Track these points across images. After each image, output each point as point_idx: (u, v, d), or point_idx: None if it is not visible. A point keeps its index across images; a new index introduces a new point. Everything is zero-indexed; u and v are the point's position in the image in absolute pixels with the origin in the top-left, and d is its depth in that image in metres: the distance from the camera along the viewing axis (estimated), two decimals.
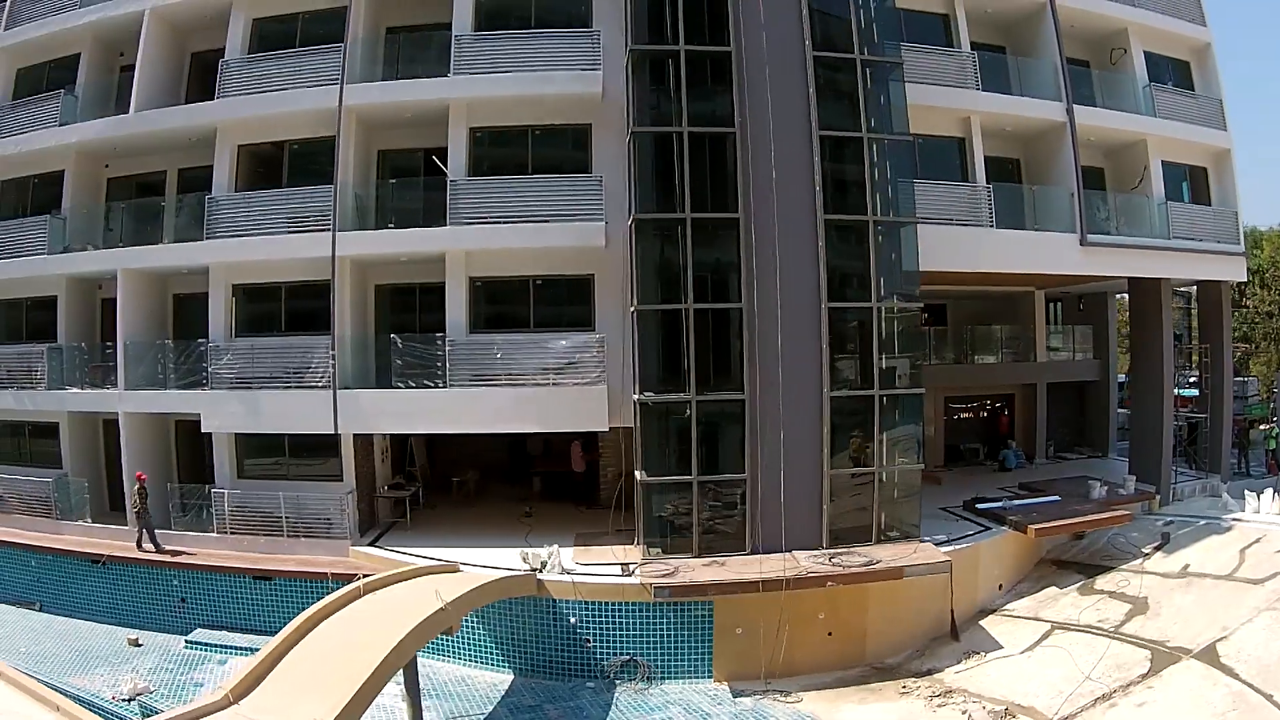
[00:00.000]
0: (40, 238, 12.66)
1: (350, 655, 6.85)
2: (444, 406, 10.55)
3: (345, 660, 6.78)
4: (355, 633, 7.42)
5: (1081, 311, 17.11)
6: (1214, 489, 12.74)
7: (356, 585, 8.18)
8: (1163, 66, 13.15)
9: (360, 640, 7.14)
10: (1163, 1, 12.94)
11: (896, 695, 8.93)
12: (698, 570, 9.06)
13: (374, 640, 6.98)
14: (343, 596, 8.00)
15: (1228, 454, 13.35)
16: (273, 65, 11.61)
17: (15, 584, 12.20)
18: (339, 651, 7.06)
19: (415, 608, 7.59)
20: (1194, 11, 13.12)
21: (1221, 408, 13.13)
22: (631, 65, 9.88)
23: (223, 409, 11.22)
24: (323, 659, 7.02)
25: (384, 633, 7.07)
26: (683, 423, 9.50)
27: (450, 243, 10.74)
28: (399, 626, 7.12)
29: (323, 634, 7.46)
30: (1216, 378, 13.24)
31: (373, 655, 6.68)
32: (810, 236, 9.68)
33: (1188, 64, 13.31)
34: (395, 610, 7.70)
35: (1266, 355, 20.22)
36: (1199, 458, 13.57)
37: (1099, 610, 9.93)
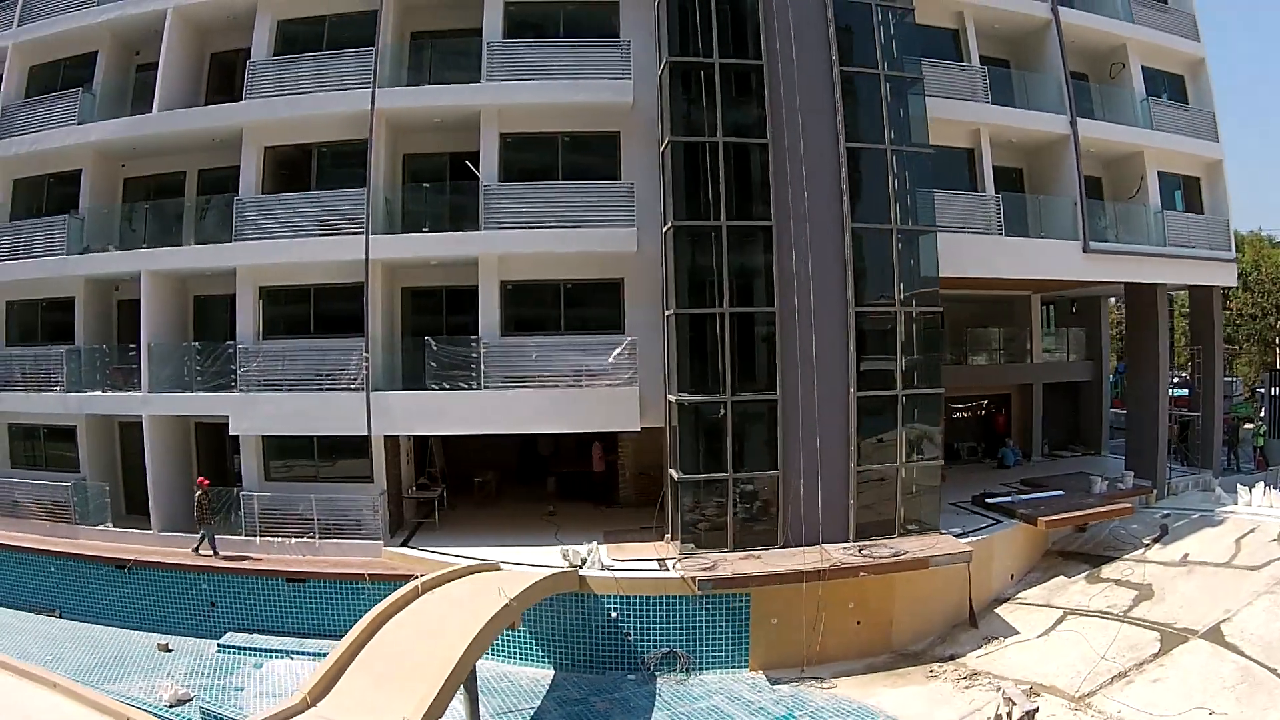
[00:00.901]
0: (57, 238, 12.61)
1: (425, 652, 7.08)
2: (479, 408, 10.83)
3: (422, 657, 7.00)
4: (423, 630, 7.65)
5: (1074, 314, 17.97)
6: (1206, 484, 13.59)
7: (414, 585, 8.43)
8: (1159, 80, 13.97)
9: (431, 637, 7.38)
10: (1160, 18, 13.76)
11: (925, 679, 9.48)
12: (736, 563, 9.51)
13: (446, 637, 7.23)
14: (403, 597, 8.23)
15: (1219, 451, 14.22)
16: (301, 67, 11.77)
17: (34, 590, 12.12)
18: (412, 649, 7.29)
19: (478, 605, 7.87)
20: (1189, 28, 13.97)
21: (1213, 407, 14.01)
22: (668, 76, 10.27)
23: (253, 411, 11.35)
24: (396, 657, 7.24)
25: (455, 629, 7.33)
26: (718, 422, 9.94)
27: (484, 247, 11.03)
28: (470, 623, 7.39)
29: (389, 633, 7.68)
30: (1208, 378, 14.12)
31: (450, 651, 6.91)
32: (838, 243, 10.19)
33: (1182, 78, 14.16)
34: (457, 608, 7.98)
35: (1248, 355, 21.41)
36: (1191, 454, 14.42)
37: (1107, 597, 10.62)
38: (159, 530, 11.93)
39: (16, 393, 12.73)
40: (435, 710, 6.42)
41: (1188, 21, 14.03)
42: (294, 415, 11.18)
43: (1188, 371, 14.82)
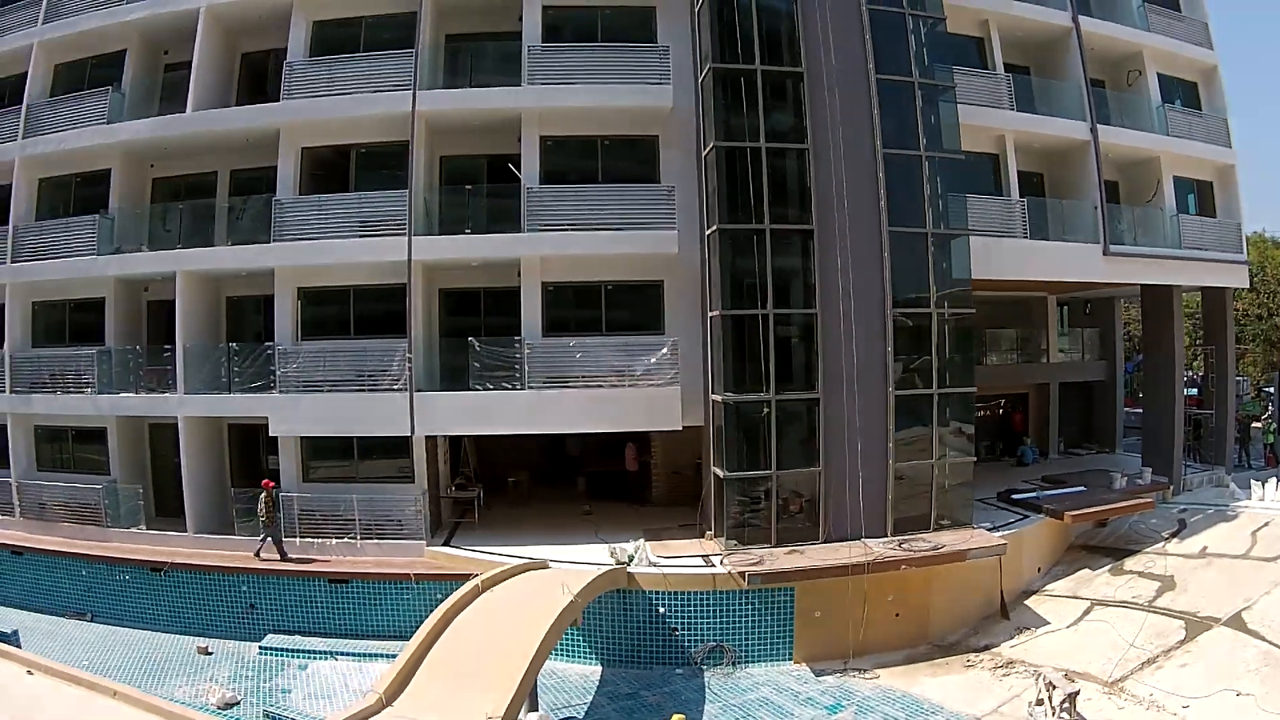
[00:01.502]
0: (85, 239, 12.84)
1: (498, 649, 7.42)
2: (523, 407, 11.26)
3: (495, 655, 7.33)
4: (491, 628, 8.01)
5: (1088, 315, 18.77)
6: (1219, 480, 14.38)
7: (475, 583, 8.83)
8: (1173, 86, 14.74)
9: (501, 635, 7.73)
10: (1175, 27, 14.53)
11: (963, 668, 10.08)
12: (781, 558, 10.04)
13: (517, 634, 7.57)
14: (465, 595, 8.60)
15: (1232, 448, 15.04)
16: (338, 68, 12.10)
17: (66, 595, 12.31)
18: (482, 647, 7.61)
19: (541, 601, 8.27)
20: (1202, 36, 14.76)
21: (1226, 405, 14.82)
22: (711, 82, 10.78)
23: (293, 412, 11.67)
24: (467, 655, 7.55)
25: (525, 626, 7.69)
26: (761, 421, 10.47)
27: (528, 248, 11.46)
28: (540, 619, 7.77)
29: (456, 632, 8.01)
30: (1221, 377, 14.93)
31: (525, 648, 7.26)
32: (875, 247, 10.77)
33: (1195, 84, 14.95)
34: (520, 605, 8.37)
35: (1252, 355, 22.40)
36: (1204, 451, 15.23)
37: (1132, 588, 11.30)
38: (194, 532, 12.20)
39: (45, 394, 12.91)
40: (514, 706, 6.74)
41: (1200, 29, 14.82)
42: (335, 416, 11.52)
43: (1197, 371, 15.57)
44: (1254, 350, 23.01)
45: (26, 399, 13.02)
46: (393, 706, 6.91)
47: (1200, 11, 14.97)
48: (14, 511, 13.27)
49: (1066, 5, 13.58)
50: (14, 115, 13.65)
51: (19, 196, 13.33)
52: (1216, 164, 14.61)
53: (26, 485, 13.19)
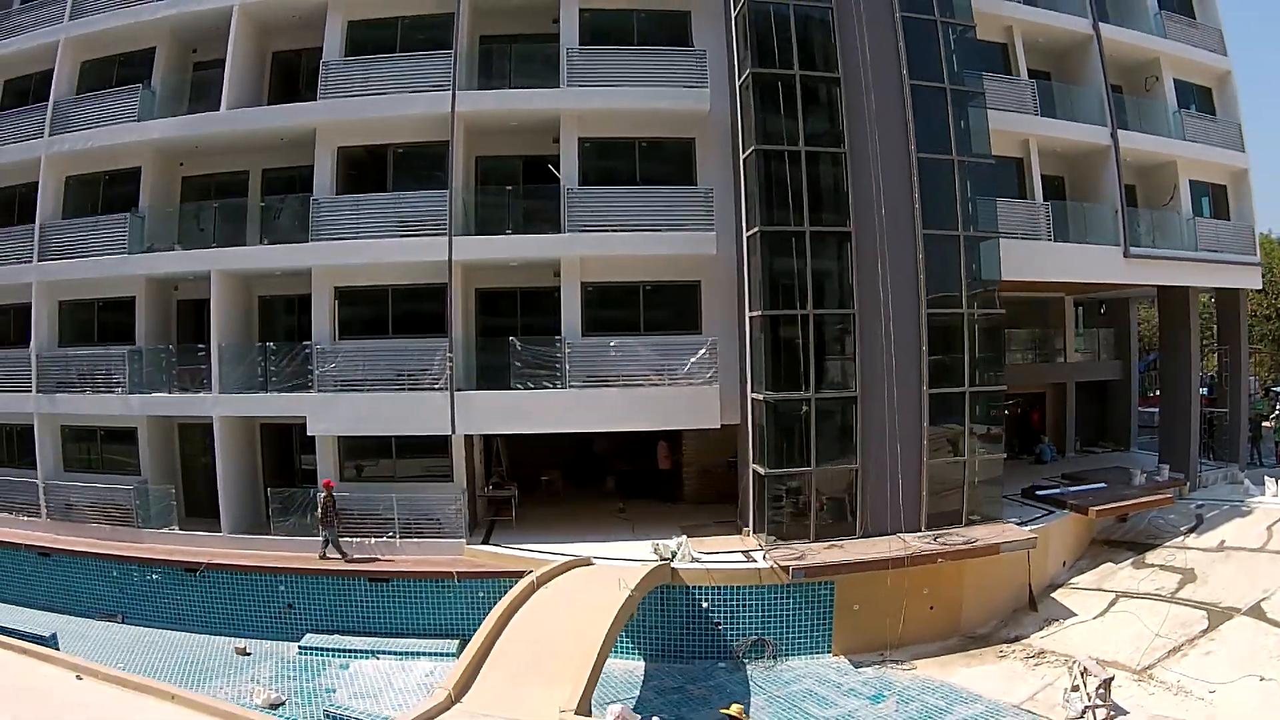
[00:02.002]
0: (115, 237, 13.10)
1: (562, 644, 7.80)
2: (563, 406, 11.71)
3: (560, 649, 7.72)
4: (551, 624, 8.39)
5: (1102, 315, 19.53)
6: (1233, 476, 15.14)
7: (530, 580, 9.26)
8: (1188, 92, 15.47)
9: (563, 629, 8.12)
10: (1190, 33, 15.27)
11: (996, 659, 10.67)
12: (822, 553, 10.58)
13: (580, 628, 7.98)
14: (522, 592, 9.00)
15: (1245, 445, 15.83)
16: (374, 68, 12.47)
17: (95, 596, 12.51)
18: (546, 642, 7.98)
19: (597, 597, 8.70)
20: (1216, 42, 15.52)
21: (1239, 403, 15.60)
22: (751, 87, 11.29)
23: (332, 412, 12.03)
24: (531, 651, 7.89)
25: (588, 621, 8.10)
26: (801, 419, 11.01)
27: (568, 249, 11.91)
28: (602, 613, 8.19)
29: (517, 627, 8.38)
30: (1234, 376, 15.71)
31: (591, 642, 7.66)
32: (910, 249, 11.34)
33: (1209, 90, 15.70)
34: (577, 600, 8.78)
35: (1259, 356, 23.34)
36: (1217, 449, 16.01)
37: (1154, 580, 11.97)
38: (229, 532, 12.52)
39: (74, 394, 13.15)
40: (585, 700, 7.07)
41: (1215, 36, 15.58)
42: (375, 415, 11.90)
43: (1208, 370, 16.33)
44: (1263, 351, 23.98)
45: (55, 399, 13.25)
46: (461, 703, 7.18)
47: (1214, 18, 15.73)
48: (40, 512, 13.49)
49: (1087, 12, 14.25)
50: (39, 112, 13.86)
51: (45, 194, 13.56)
52: (1230, 168, 15.37)
53: (54, 486, 13.41)
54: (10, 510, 13.76)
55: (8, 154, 13.91)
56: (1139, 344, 20.35)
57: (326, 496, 11.54)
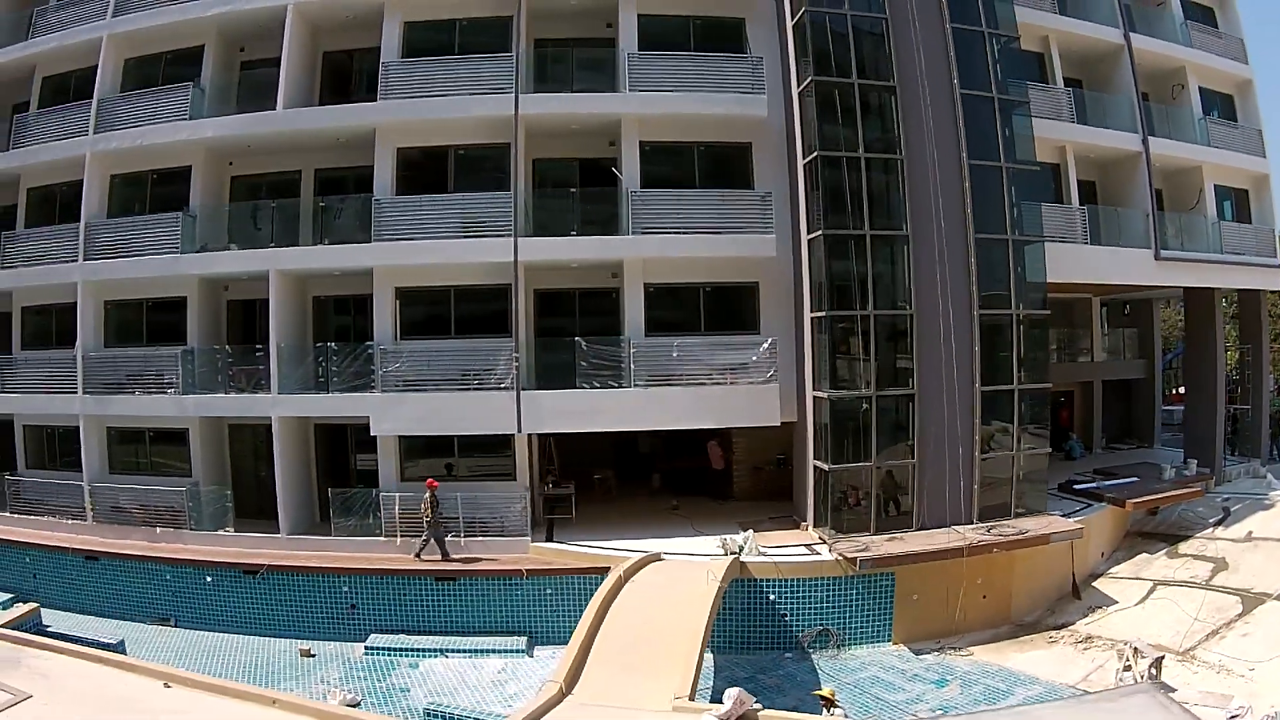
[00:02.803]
0: (165, 236, 13.61)
1: (662, 635, 8.52)
2: (629, 405, 12.52)
3: (662, 640, 8.43)
4: (647, 615, 9.13)
5: (1126, 315, 20.85)
6: (1255, 471, 16.48)
7: (618, 575, 10.06)
8: (1211, 99, 16.76)
9: (660, 622, 8.87)
10: (1214, 42, 16.56)
11: (1047, 644, 11.74)
12: (884, 545, 11.54)
13: (677, 620, 8.73)
14: (613, 587, 9.76)
15: (1267, 441, 17.19)
16: (434, 70, 13.16)
17: (146, 600, 12.90)
18: (645, 634, 8.68)
19: (685, 589, 9.49)
20: (1238, 51, 16.84)
21: (1262, 401, 16.94)
22: (814, 94, 12.22)
23: (396, 412, 12.70)
24: (632, 642, 8.56)
25: (684, 612, 8.87)
26: (862, 416, 11.97)
27: (631, 251, 12.73)
28: (698, 605, 8.99)
29: (615, 620, 9.09)
30: (1256, 374, 17.06)
31: (691, 633, 8.41)
32: (963, 252, 12.35)
33: (1231, 97, 17.02)
34: (665, 594, 9.53)
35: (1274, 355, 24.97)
36: (1240, 444, 17.35)
37: (1188, 569, 13.15)
38: (287, 534, 13.12)
39: (124, 395, 13.62)
40: (694, 687, 7.73)
41: (1237, 44, 16.90)
42: (439, 415, 12.58)
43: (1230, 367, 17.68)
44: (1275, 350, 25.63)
45: (104, 400, 13.70)
46: (572, 694, 7.67)
47: (1236, 27, 17.06)
48: (85, 515, 13.94)
49: (1118, 23, 15.44)
50: (79, 110, 14.30)
51: (90, 193, 14.00)
52: (1252, 173, 16.70)
53: (101, 489, 13.87)
54: (53, 513, 14.15)
55: (50, 152, 14.31)
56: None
57: (430, 496, 12.03)
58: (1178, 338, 26.54)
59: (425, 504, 12.04)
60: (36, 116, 14.79)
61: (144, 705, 7.10)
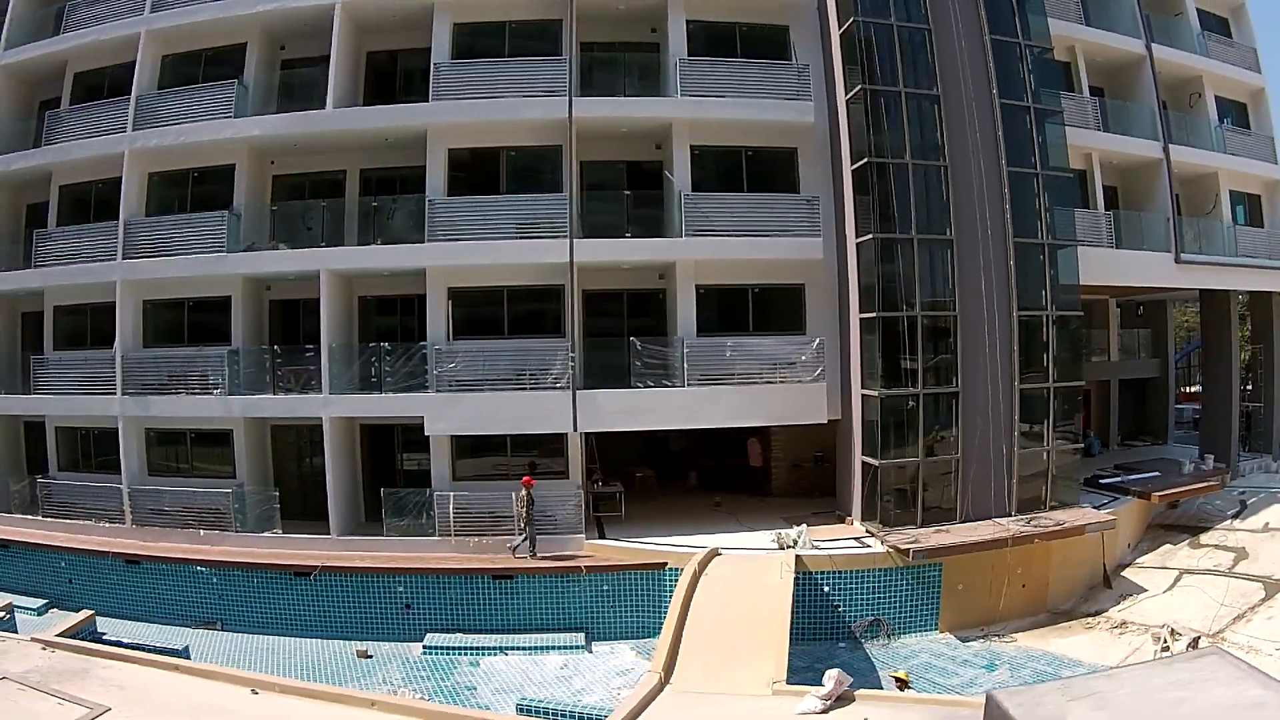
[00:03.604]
0: (208, 235, 14.09)
1: (747, 625, 9.38)
2: (681, 404, 13.35)
3: (748, 629, 9.30)
4: (729, 607, 9.97)
5: (1140, 316, 22.25)
6: (1267, 466, 17.88)
7: (694, 569, 10.89)
8: (1224, 107, 18.12)
9: (742, 612, 9.74)
10: (1228, 52, 17.91)
11: (1084, 630, 12.84)
12: (932, 537, 12.54)
13: (758, 610, 9.63)
14: (692, 581, 10.59)
15: (1279, 437, 18.65)
16: (486, 71, 13.85)
17: (190, 604, 13.29)
18: (729, 623, 9.53)
19: (758, 581, 10.37)
20: (1252, 60, 18.24)
21: (1274, 398, 18.37)
22: (864, 101, 13.16)
23: (451, 411, 13.35)
24: (719, 632, 9.39)
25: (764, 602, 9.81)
26: (909, 413, 12.95)
27: (684, 252, 13.56)
28: (776, 596, 9.95)
29: (699, 613, 9.92)
30: (1268, 373, 18.48)
31: (777, 622, 9.32)
32: (1002, 255, 13.41)
33: (1245, 105, 18.41)
34: (742, 585, 10.39)
35: None
36: (1252, 441, 18.77)
37: (1211, 559, 14.39)
38: (338, 534, 13.70)
39: (168, 397, 14.07)
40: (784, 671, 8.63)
41: (1250, 54, 18.30)
42: (495, 415, 13.28)
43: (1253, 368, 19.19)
44: None
45: (145, 401, 14.13)
46: (671, 684, 8.50)
47: (1249, 37, 18.46)
48: (124, 519, 14.36)
49: (1140, 34, 16.68)
50: (116, 107, 14.70)
51: (129, 191, 14.41)
52: (1265, 179, 18.10)
53: (142, 491, 14.30)
54: (88, 516, 14.53)
55: (86, 148, 14.68)
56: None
57: (527, 494, 12.60)
58: (1185, 338, 28.22)
59: (522, 502, 12.64)
60: (69, 113, 15.13)
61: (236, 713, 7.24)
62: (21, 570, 14.51)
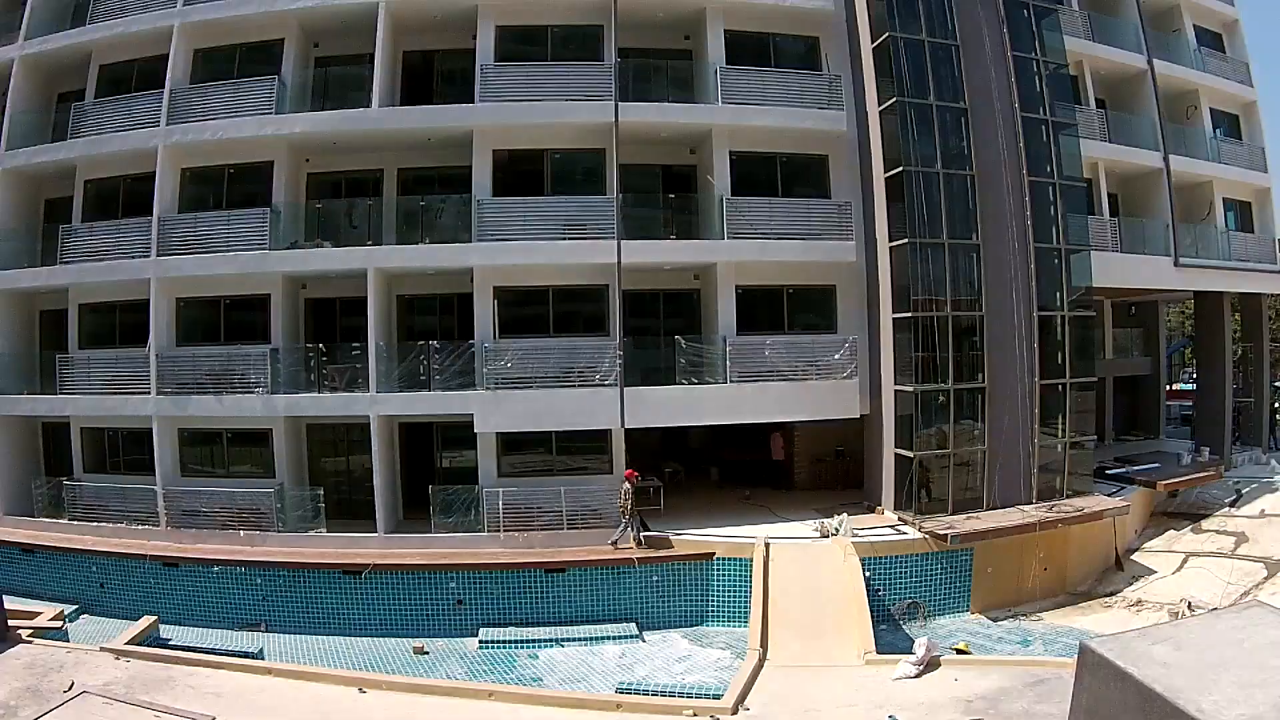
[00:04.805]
0: (248, 232, 14.86)
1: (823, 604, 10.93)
2: (724, 400, 14.68)
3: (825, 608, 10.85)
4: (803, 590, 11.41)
5: (1133, 315, 24.46)
6: (1257, 458, 20.11)
7: (763, 557, 12.23)
8: (1219, 119, 20.33)
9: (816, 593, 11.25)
10: (1222, 66, 20.12)
11: (1103, 609, 14.59)
12: (964, 524, 14.12)
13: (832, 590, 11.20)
14: (762, 567, 11.97)
15: (1269, 432, 20.92)
16: (530, 74, 14.98)
17: (231, 606, 13.95)
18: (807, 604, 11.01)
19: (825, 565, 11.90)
20: (1244, 74, 20.50)
21: (1263, 395, 20.64)
22: (900, 112, 14.71)
23: (500, 408, 14.41)
24: (799, 612, 10.82)
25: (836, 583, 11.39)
26: (940, 407, 14.53)
27: (726, 255, 14.91)
28: (848, 575, 11.45)
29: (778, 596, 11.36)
30: (1258, 371, 20.74)
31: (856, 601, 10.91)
32: (1024, 258, 15.12)
33: (1237, 117, 20.65)
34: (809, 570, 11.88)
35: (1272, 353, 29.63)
36: (1244, 434, 21.02)
37: (1214, 542, 16.36)
38: (385, 532, 14.62)
39: (204, 396, 14.77)
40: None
41: (1243, 68, 20.56)
42: (544, 411, 14.38)
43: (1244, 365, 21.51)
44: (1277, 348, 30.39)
45: (181, 400, 14.81)
46: (770, 658, 9.93)
47: (1242, 52, 20.73)
48: (158, 520, 15.00)
49: (1142, 49, 18.70)
50: (146, 100, 15.34)
51: (163, 187, 15.07)
52: (1255, 187, 20.35)
53: (178, 492, 14.97)
54: (120, 519, 15.13)
55: (115, 142, 15.29)
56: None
57: (629, 487, 13.74)
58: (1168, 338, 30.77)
59: (625, 494, 13.78)
60: (96, 106, 15.70)
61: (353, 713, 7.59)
62: (48, 575, 14.97)
